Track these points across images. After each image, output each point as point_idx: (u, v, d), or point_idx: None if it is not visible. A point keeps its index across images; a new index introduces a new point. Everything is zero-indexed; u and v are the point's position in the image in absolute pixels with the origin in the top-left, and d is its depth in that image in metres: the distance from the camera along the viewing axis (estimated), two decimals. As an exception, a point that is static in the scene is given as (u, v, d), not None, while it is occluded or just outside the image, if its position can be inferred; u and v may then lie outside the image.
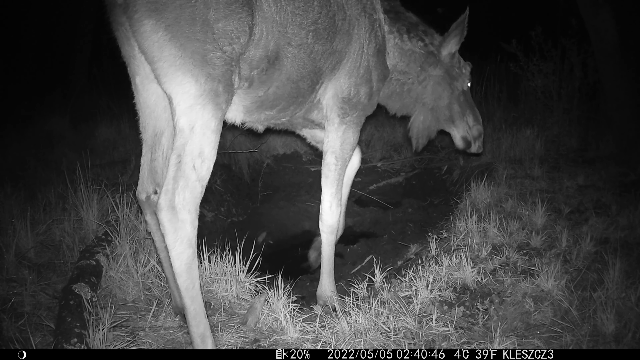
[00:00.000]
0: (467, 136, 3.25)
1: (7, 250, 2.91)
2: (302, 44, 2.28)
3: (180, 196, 1.90)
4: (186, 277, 1.96)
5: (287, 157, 5.89)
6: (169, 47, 1.87)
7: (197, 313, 2.03)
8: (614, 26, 4.85)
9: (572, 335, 2.31)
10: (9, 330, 2.32)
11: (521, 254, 3.04)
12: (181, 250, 1.93)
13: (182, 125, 1.92)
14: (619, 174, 4.34)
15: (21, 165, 4.77)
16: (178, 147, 1.93)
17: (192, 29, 1.89)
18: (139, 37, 1.91)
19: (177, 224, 1.91)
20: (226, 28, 1.96)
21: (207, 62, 1.92)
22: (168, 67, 1.90)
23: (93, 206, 3.34)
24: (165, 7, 1.86)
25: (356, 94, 2.64)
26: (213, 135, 1.97)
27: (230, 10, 1.96)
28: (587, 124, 5.47)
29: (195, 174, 1.93)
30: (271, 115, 2.52)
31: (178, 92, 1.91)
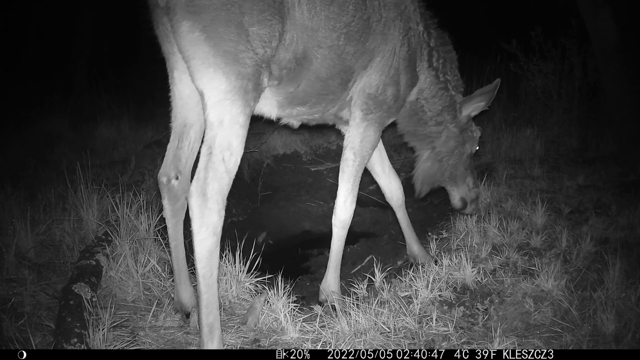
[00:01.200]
0: (466, 198, 3.34)
1: (7, 250, 2.91)
2: (332, 46, 2.37)
3: (211, 186, 2.00)
4: (206, 263, 2.02)
5: (287, 157, 5.89)
6: (203, 46, 2.00)
7: (210, 302, 2.06)
8: (614, 26, 4.85)
9: (572, 335, 2.31)
10: (9, 330, 2.32)
11: (521, 254, 3.04)
12: (205, 236, 2.00)
13: (211, 118, 2.03)
14: (619, 174, 4.34)
15: (21, 165, 4.77)
16: (208, 140, 2.03)
17: (227, 30, 2.01)
18: (177, 36, 2.04)
19: (204, 211, 1.99)
20: (259, 32, 2.08)
21: (238, 61, 2.03)
22: (201, 64, 2.02)
23: (93, 206, 3.34)
24: (203, 10, 1.99)
25: (383, 92, 2.67)
26: (241, 129, 2.07)
27: (263, 16, 2.08)
28: (587, 124, 5.48)
29: (224, 166, 2.03)
30: (303, 111, 2.60)
31: (209, 87, 2.02)
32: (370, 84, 2.64)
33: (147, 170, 4.50)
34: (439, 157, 3.18)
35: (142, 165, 4.57)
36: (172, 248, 2.57)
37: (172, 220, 2.50)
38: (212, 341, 2.10)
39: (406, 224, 3.36)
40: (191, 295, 2.58)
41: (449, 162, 3.20)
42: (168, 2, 2.03)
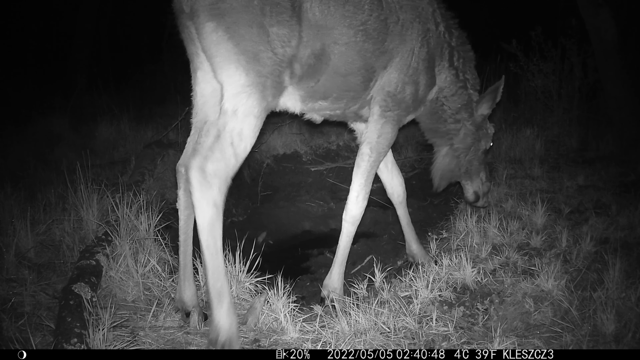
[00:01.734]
0: (479, 191, 3.44)
1: (7, 250, 2.91)
2: (349, 43, 2.46)
3: (213, 164, 2.08)
4: (207, 234, 2.10)
5: (287, 157, 5.89)
6: (226, 45, 2.14)
7: (216, 269, 2.13)
8: (614, 26, 4.86)
9: (572, 335, 2.31)
10: (9, 330, 2.32)
11: (521, 254, 3.04)
12: (205, 208, 2.08)
13: (226, 107, 2.15)
14: (619, 174, 4.34)
15: (21, 166, 4.77)
16: (219, 125, 2.14)
17: (248, 31, 2.15)
18: (201, 36, 2.19)
19: (204, 185, 2.07)
20: (279, 32, 2.21)
21: (258, 60, 2.17)
22: (223, 61, 2.16)
23: (93, 206, 3.34)
24: (225, 13, 2.14)
25: (402, 91, 2.74)
26: (254, 120, 2.19)
27: (282, 17, 2.22)
28: (587, 124, 5.48)
29: (232, 149, 2.13)
30: (325, 106, 2.68)
31: (229, 81, 2.16)
32: (389, 82, 2.71)
33: (147, 170, 4.50)
34: (456, 153, 3.26)
35: (142, 165, 4.57)
36: (180, 241, 2.58)
37: (185, 211, 2.55)
38: (221, 306, 2.14)
39: (406, 222, 3.37)
40: (194, 293, 2.58)
41: (465, 158, 3.28)
42: (192, 7, 2.17)
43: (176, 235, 3.86)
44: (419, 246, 3.32)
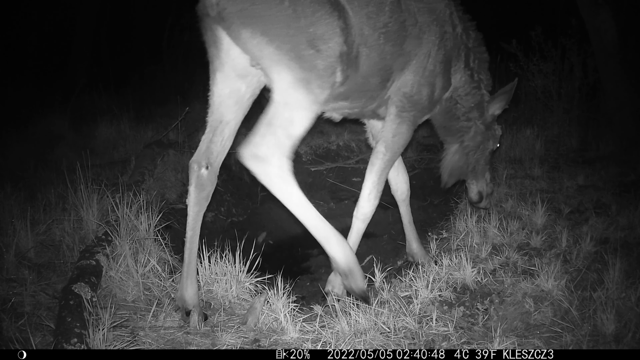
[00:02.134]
0: (483, 192, 3.46)
1: (7, 250, 2.91)
2: (374, 44, 2.50)
3: (265, 147, 2.18)
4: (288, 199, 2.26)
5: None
6: (267, 47, 2.21)
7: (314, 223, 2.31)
8: (614, 26, 4.86)
9: (572, 335, 2.31)
10: (9, 330, 2.32)
11: (521, 254, 3.04)
12: (274, 182, 2.22)
13: (277, 100, 2.25)
14: (619, 174, 4.34)
15: (21, 166, 4.77)
16: (269, 114, 2.23)
17: (286, 32, 2.20)
18: (240, 42, 2.26)
19: (263, 167, 2.19)
20: (318, 31, 2.24)
21: (301, 57, 2.22)
22: (270, 62, 2.25)
23: (93, 206, 3.34)
24: (256, 18, 2.18)
25: (418, 93, 2.79)
26: (305, 112, 2.26)
27: (317, 17, 2.24)
28: (587, 124, 5.48)
29: (284, 130, 2.21)
30: (345, 105, 2.75)
31: (276, 79, 2.26)
32: (406, 83, 2.75)
33: (147, 170, 4.51)
34: (466, 151, 3.30)
35: (142, 165, 4.57)
36: (187, 237, 2.57)
37: (194, 208, 2.56)
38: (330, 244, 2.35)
39: (408, 220, 3.39)
40: (195, 292, 2.57)
41: (474, 156, 3.32)
42: (220, 13, 2.21)
43: (176, 235, 3.87)
44: (419, 246, 3.33)
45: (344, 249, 2.37)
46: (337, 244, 2.36)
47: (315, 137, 6.10)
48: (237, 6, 2.18)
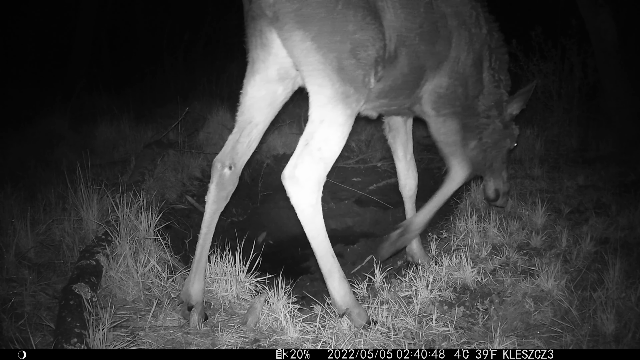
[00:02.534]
0: (499, 189, 3.48)
1: (7, 250, 2.91)
2: (411, 44, 2.57)
3: (301, 170, 2.25)
4: (310, 228, 2.33)
5: (287, 157, 5.85)
6: (313, 55, 2.21)
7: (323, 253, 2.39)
8: (614, 26, 4.85)
9: (572, 335, 2.31)
10: (9, 330, 2.32)
11: (521, 254, 3.04)
12: (303, 211, 2.30)
13: (313, 117, 2.27)
14: (619, 174, 4.34)
15: (21, 166, 4.77)
16: (307, 134, 2.27)
17: (333, 39, 2.21)
18: (288, 44, 2.25)
19: (297, 190, 2.27)
20: (362, 38, 2.26)
21: (343, 68, 2.24)
22: (312, 71, 2.25)
23: (93, 206, 3.34)
24: (310, 19, 2.18)
25: (453, 92, 2.90)
26: (340, 127, 2.29)
27: (366, 22, 2.27)
28: (587, 124, 5.47)
29: (320, 153, 2.26)
30: (384, 103, 2.80)
31: (316, 91, 2.27)
32: (440, 85, 2.84)
33: (147, 170, 4.51)
34: (483, 147, 3.35)
35: (142, 165, 4.57)
36: (201, 234, 2.60)
37: (212, 206, 2.58)
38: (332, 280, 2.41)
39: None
40: (201, 289, 2.57)
41: (491, 154, 3.38)
42: (276, 13, 2.21)
43: (176, 235, 3.88)
44: (420, 246, 3.33)
45: (344, 288, 2.42)
46: (339, 282, 2.41)
47: (315, 137, 6.09)
48: (294, 5, 2.18)
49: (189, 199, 4.60)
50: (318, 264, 2.41)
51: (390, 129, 3.28)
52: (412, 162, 3.37)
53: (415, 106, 2.95)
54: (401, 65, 2.58)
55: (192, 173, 5.02)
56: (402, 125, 3.22)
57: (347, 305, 2.41)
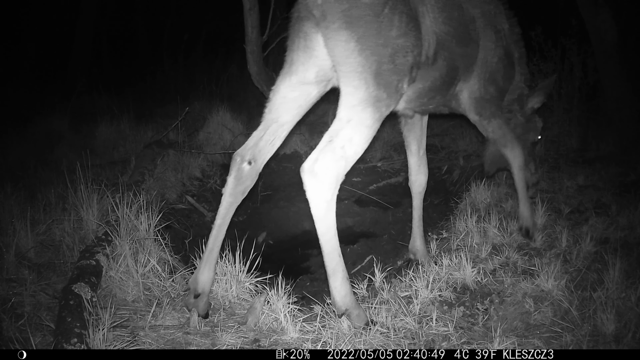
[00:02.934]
0: (528, 181, 3.51)
1: (7, 250, 2.91)
2: (449, 47, 2.66)
3: (322, 165, 2.26)
4: (321, 224, 2.34)
5: (287, 157, 5.89)
6: (355, 56, 2.23)
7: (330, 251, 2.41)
8: (614, 26, 4.85)
9: (572, 335, 2.31)
10: (9, 330, 2.32)
11: (521, 254, 3.04)
12: (317, 205, 2.31)
13: (341, 116, 2.28)
14: (619, 174, 4.34)
15: (21, 166, 4.77)
16: (332, 131, 2.29)
17: (377, 43, 2.23)
18: (332, 42, 2.26)
19: (314, 184, 2.27)
20: (404, 43, 2.30)
21: (380, 73, 2.26)
22: (349, 72, 2.26)
23: (93, 206, 3.34)
24: (357, 21, 2.21)
25: (486, 92, 2.99)
26: (366, 129, 2.30)
27: (408, 28, 2.31)
28: (587, 124, 5.47)
29: (342, 151, 2.27)
30: (423, 103, 2.86)
31: (349, 92, 2.27)
32: (473, 89, 2.96)
33: (147, 170, 4.51)
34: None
35: (142, 165, 4.57)
36: (215, 225, 2.56)
37: (228, 198, 2.57)
38: (335, 279, 2.41)
39: (418, 215, 3.40)
40: (210, 278, 2.55)
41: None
42: (324, 12, 2.24)
43: (176, 235, 3.88)
44: (423, 244, 3.33)
45: (345, 288, 2.42)
46: (342, 281, 2.42)
47: (315, 137, 6.10)
48: (342, 5, 2.21)
49: (189, 199, 4.60)
50: (324, 260, 2.43)
51: (406, 122, 3.31)
52: (424, 158, 3.40)
53: (451, 102, 3.04)
54: (440, 67, 2.64)
55: (192, 173, 5.02)
56: (418, 121, 3.25)
57: (347, 306, 2.41)
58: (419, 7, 2.44)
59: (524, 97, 3.39)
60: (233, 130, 5.68)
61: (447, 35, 2.61)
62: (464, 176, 4.97)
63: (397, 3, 2.27)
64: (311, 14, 2.30)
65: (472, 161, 5.21)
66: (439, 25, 2.55)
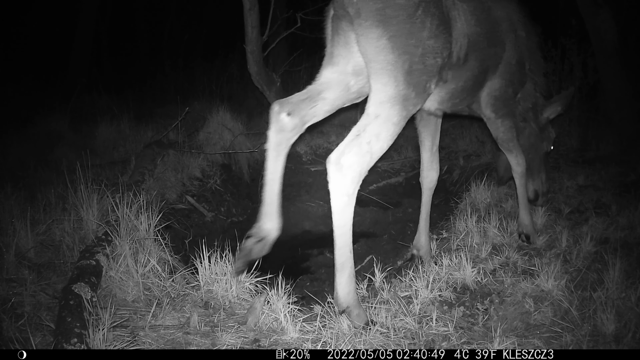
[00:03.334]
0: (539, 190, 3.60)
1: (7, 250, 2.91)
2: (480, 48, 2.75)
3: (348, 158, 2.28)
4: (339, 217, 2.35)
5: (287, 157, 5.87)
6: (385, 54, 2.27)
7: (342, 245, 2.38)
8: (614, 26, 4.85)
9: (572, 335, 2.31)
10: (9, 330, 2.32)
11: (521, 254, 3.04)
12: (339, 196, 2.31)
13: (369, 112, 2.32)
14: (619, 174, 4.34)
15: (21, 166, 4.77)
16: (360, 126, 2.32)
17: (408, 42, 2.28)
18: (364, 40, 2.30)
19: (338, 177, 2.29)
20: (435, 45, 2.36)
21: (410, 72, 2.30)
22: (380, 69, 2.29)
23: (93, 206, 3.34)
24: (391, 20, 2.25)
25: (505, 92, 3.09)
26: (393, 126, 2.34)
27: (439, 30, 2.37)
28: (587, 124, 5.47)
29: (368, 147, 2.30)
30: (454, 103, 2.93)
31: (378, 89, 2.31)
32: (494, 87, 3.04)
33: (147, 170, 4.51)
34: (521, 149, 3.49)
35: (142, 165, 4.57)
36: (266, 180, 2.62)
37: (273, 151, 2.59)
38: (342, 275, 2.40)
39: (426, 211, 3.41)
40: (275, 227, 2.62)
41: (528, 155, 3.48)
42: (359, 10, 2.28)
43: (176, 235, 3.88)
44: (428, 240, 3.35)
45: (350, 286, 2.42)
46: (348, 278, 2.41)
47: (315, 137, 6.10)
48: (377, 4, 2.25)
49: (189, 199, 4.60)
50: (334, 254, 2.42)
51: (421, 118, 3.34)
52: (437, 155, 3.43)
53: (474, 104, 3.11)
54: (471, 67, 2.73)
55: (192, 173, 5.02)
56: (434, 117, 3.28)
57: (349, 304, 2.41)
58: (452, 11, 2.52)
59: (539, 106, 3.45)
60: (233, 130, 5.68)
61: (478, 37, 2.70)
62: (464, 176, 4.97)
63: (430, 6, 2.33)
64: (346, 11, 2.35)
65: (472, 161, 5.21)
66: (470, 27, 2.63)
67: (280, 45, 7.01)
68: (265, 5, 5.65)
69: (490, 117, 3.13)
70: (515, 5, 3.13)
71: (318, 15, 3.11)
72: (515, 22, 3.09)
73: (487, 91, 3.04)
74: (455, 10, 2.55)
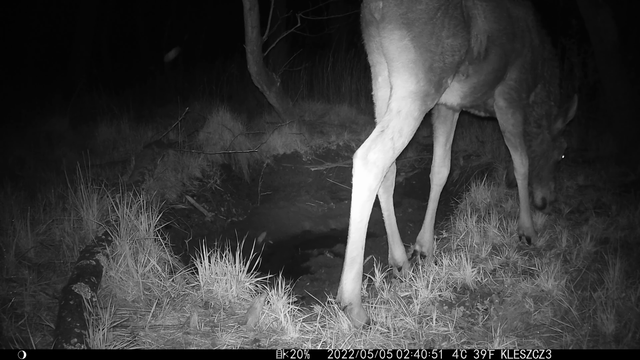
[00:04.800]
0: (547, 198, 3.65)
1: (7, 250, 2.91)
2: (500, 43, 2.89)
3: (374, 154, 2.38)
4: (357, 210, 2.43)
5: (287, 157, 5.88)
6: (407, 53, 2.40)
7: (356, 240, 2.44)
8: (614, 26, 4.85)
9: (572, 335, 2.31)
10: (9, 330, 2.32)
11: (521, 254, 3.04)
12: (361, 191, 2.41)
13: (392, 107, 2.43)
14: (619, 174, 4.35)
15: (21, 165, 4.77)
16: (384, 122, 2.43)
17: (429, 42, 2.41)
18: (386, 41, 2.44)
19: (363, 171, 2.39)
20: (453, 43, 2.48)
21: (431, 69, 2.43)
22: (401, 67, 2.42)
23: (93, 206, 3.34)
24: (413, 22, 2.39)
25: (521, 84, 3.20)
26: (414, 121, 2.45)
27: (457, 30, 2.50)
28: (587, 124, 5.48)
29: (392, 142, 2.39)
30: (475, 98, 3.05)
31: (400, 85, 2.42)
32: (512, 77, 3.15)
33: (147, 170, 4.50)
34: (532, 155, 3.56)
35: (142, 165, 4.57)
36: (385, 217, 3.10)
37: (383, 195, 3.01)
38: (350, 271, 2.44)
39: (433, 207, 3.45)
40: (402, 252, 3.09)
41: (539, 162, 3.58)
42: (384, 15, 2.43)
43: (176, 235, 3.89)
44: (432, 237, 3.36)
45: (356, 283, 2.45)
46: (355, 275, 2.44)
47: (315, 137, 6.10)
48: (400, 9, 2.40)
49: (189, 199, 4.60)
50: (346, 248, 2.46)
51: (439, 114, 3.37)
52: (450, 152, 3.47)
53: (489, 100, 3.19)
54: (492, 62, 2.86)
55: (192, 173, 5.02)
56: (450, 114, 3.33)
57: (351, 301, 2.42)
58: (472, 10, 2.66)
59: (552, 115, 3.52)
60: (233, 130, 5.68)
61: (497, 32, 2.82)
62: (464, 176, 4.97)
63: (449, 8, 2.46)
64: (373, 17, 2.49)
65: (472, 161, 5.21)
66: (490, 24, 2.76)
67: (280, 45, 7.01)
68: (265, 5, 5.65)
69: (502, 106, 3.19)
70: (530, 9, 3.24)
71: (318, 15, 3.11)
72: (530, 27, 3.19)
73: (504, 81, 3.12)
74: (475, 9, 2.68)
